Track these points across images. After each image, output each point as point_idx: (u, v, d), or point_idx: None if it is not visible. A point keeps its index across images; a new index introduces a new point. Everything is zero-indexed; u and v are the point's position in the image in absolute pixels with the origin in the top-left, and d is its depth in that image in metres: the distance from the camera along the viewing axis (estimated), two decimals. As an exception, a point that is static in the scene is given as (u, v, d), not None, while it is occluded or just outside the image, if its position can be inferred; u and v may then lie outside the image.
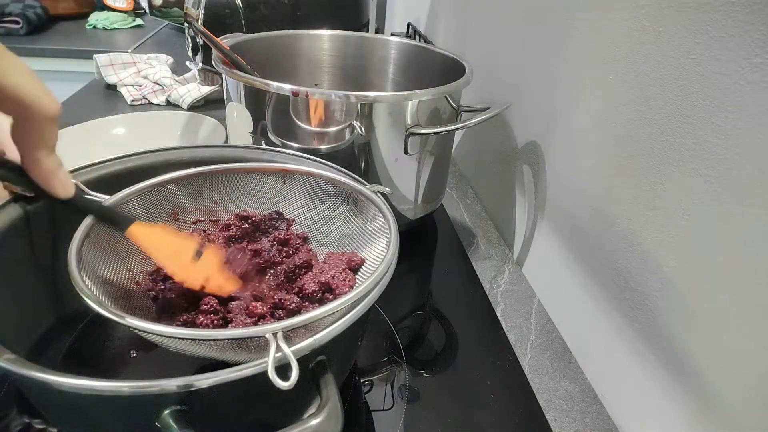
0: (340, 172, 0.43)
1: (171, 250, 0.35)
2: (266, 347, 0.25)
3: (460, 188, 0.83)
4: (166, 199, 0.40)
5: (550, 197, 0.61)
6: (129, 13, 1.78)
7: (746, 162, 0.34)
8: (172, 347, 0.29)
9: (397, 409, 0.42)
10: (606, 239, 0.49)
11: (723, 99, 0.35)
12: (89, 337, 0.41)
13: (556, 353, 0.51)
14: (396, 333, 0.50)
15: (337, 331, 0.28)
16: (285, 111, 0.52)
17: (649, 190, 0.43)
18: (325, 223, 0.42)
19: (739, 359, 0.35)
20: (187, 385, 0.23)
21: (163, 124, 0.85)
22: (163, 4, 1.45)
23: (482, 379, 0.46)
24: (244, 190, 0.42)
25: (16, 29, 1.51)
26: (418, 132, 0.54)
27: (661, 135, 0.41)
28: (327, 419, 0.25)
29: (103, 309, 0.28)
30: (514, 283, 0.61)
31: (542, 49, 0.62)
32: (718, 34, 0.36)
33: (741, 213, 0.34)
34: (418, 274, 0.61)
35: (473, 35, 0.87)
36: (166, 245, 0.35)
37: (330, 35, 0.74)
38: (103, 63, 1.03)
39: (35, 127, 0.24)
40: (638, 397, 0.45)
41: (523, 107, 0.67)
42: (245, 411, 0.29)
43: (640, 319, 0.45)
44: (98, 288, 0.32)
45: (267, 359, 0.24)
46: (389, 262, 0.33)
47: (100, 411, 0.27)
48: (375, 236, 0.39)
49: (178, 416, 0.24)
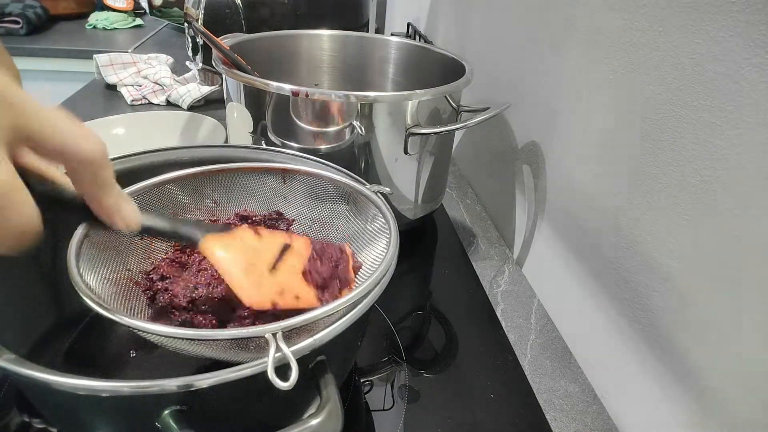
0: (340, 172, 0.43)
1: (245, 262, 0.31)
2: (266, 347, 0.25)
3: (460, 188, 0.83)
4: (165, 199, 0.40)
5: (550, 197, 0.61)
6: (129, 13, 1.79)
7: (746, 162, 0.34)
8: (172, 347, 0.29)
9: (397, 409, 0.42)
10: (606, 239, 0.49)
11: (723, 99, 0.35)
12: (89, 337, 0.41)
13: (556, 353, 0.51)
14: (396, 333, 0.50)
15: (337, 331, 0.28)
16: (285, 111, 0.52)
17: (649, 189, 0.43)
18: (325, 224, 0.42)
19: (739, 359, 0.35)
20: (187, 385, 0.23)
21: (163, 124, 0.85)
22: (163, 4, 1.46)
23: (482, 379, 0.46)
24: (244, 190, 0.42)
25: (16, 29, 1.51)
26: (418, 132, 0.54)
27: (661, 135, 0.41)
28: (327, 419, 0.25)
29: (103, 309, 0.28)
30: (514, 283, 0.61)
31: (542, 49, 0.62)
32: (718, 34, 0.36)
33: (741, 213, 0.34)
34: (418, 274, 0.61)
35: (473, 35, 0.87)
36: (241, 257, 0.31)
37: (330, 35, 0.74)
38: (103, 63, 1.03)
39: (85, 170, 0.24)
40: (638, 397, 0.45)
41: (523, 107, 0.67)
42: (245, 411, 0.29)
43: (640, 319, 0.45)
44: (98, 287, 0.32)
45: (267, 359, 0.24)
46: (389, 262, 0.33)
47: (100, 411, 0.27)
48: (375, 236, 0.39)
49: (178, 416, 0.24)
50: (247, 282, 0.30)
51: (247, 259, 0.31)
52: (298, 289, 0.32)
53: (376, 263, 0.37)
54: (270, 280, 0.31)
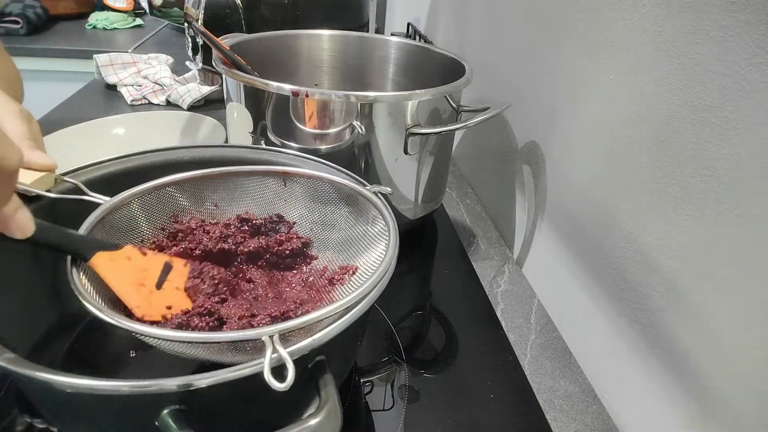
0: (340, 172, 0.43)
1: (134, 280, 0.33)
2: (263, 349, 0.25)
3: (460, 188, 0.83)
4: (165, 201, 0.40)
5: (550, 197, 0.61)
6: (129, 13, 1.79)
7: (746, 162, 0.34)
8: (169, 349, 0.29)
9: (397, 409, 0.42)
10: (606, 239, 0.49)
11: (723, 99, 0.35)
12: (89, 337, 0.41)
13: (556, 353, 0.51)
14: (396, 333, 0.50)
15: (335, 332, 0.28)
16: (285, 111, 0.52)
17: (649, 189, 0.43)
18: (325, 226, 0.42)
19: (740, 359, 0.35)
20: (187, 385, 0.23)
21: (163, 124, 0.85)
22: (163, 4, 1.45)
23: (482, 379, 0.46)
24: (245, 193, 0.42)
25: (16, 29, 1.51)
26: (418, 132, 0.54)
27: (660, 135, 0.41)
28: (326, 419, 0.25)
29: (103, 313, 0.28)
30: (514, 283, 0.61)
31: (542, 49, 0.62)
32: (718, 34, 0.36)
33: (741, 213, 0.34)
34: (418, 274, 0.61)
35: (473, 35, 0.87)
36: (130, 274, 0.33)
37: (330, 35, 0.74)
38: (103, 63, 1.03)
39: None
40: (638, 397, 0.45)
41: (523, 107, 0.67)
42: (244, 410, 0.29)
43: (640, 319, 0.45)
44: (96, 291, 0.32)
45: (263, 360, 0.24)
46: (388, 263, 0.33)
47: (100, 410, 0.27)
48: (375, 238, 0.39)
49: (178, 416, 0.24)
50: (138, 297, 0.33)
51: (136, 276, 0.34)
52: (185, 305, 0.34)
53: (375, 264, 0.37)
54: (158, 296, 0.34)
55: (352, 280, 0.38)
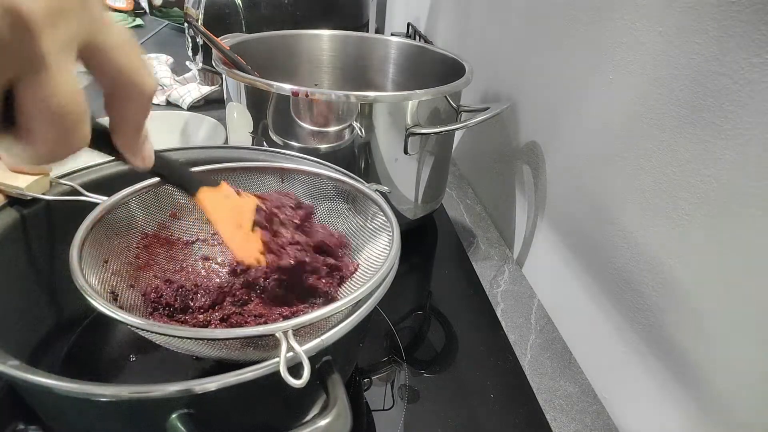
0: (340, 172, 0.43)
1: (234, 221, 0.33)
2: (275, 346, 0.25)
3: (460, 188, 0.83)
4: (164, 200, 0.40)
5: (550, 197, 0.61)
6: (129, 13, 1.78)
7: (746, 162, 0.34)
8: (179, 347, 0.29)
9: (397, 409, 0.42)
10: (606, 239, 0.49)
11: (723, 99, 0.35)
12: (87, 340, 0.41)
13: (556, 353, 0.51)
14: (396, 333, 0.50)
15: (343, 331, 0.28)
16: (285, 111, 0.52)
17: (649, 190, 0.43)
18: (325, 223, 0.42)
19: (740, 359, 0.35)
20: (195, 389, 0.23)
21: (163, 124, 0.84)
22: (163, 4, 1.46)
23: (482, 379, 0.46)
24: (243, 190, 0.42)
25: (16, 29, 1.51)
26: (418, 132, 0.54)
27: (661, 135, 0.41)
28: (336, 419, 0.25)
29: (115, 313, 0.27)
30: (514, 283, 0.61)
31: (542, 49, 0.61)
32: (718, 34, 0.36)
33: (741, 213, 0.34)
34: (418, 274, 0.61)
35: (473, 35, 0.87)
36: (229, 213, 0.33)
37: (330, 35, 0.74)
38: (103, 63, 1.03)
39: (130, 105, 0.23)
40: (638, 397, 0.45)
41: (523, 107, 0.67)
42: (251, 413, 0.29)
43: (640, 319, 0.45)
44: (101, 289, 0.32)
45: (278, 359, 0.24)
46: (393, 259, 0.33)
47: (106, 416, 0.27)
48: (375, 234, 0.39)
49: (186, 419, 0.24)
50: (239, 239, 0.33)
51: (234, 216, 0.34)
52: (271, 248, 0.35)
53: (378, 262, 0.37)
54: (253, 239, 0.34)
55: (355, 278, 0.38)
